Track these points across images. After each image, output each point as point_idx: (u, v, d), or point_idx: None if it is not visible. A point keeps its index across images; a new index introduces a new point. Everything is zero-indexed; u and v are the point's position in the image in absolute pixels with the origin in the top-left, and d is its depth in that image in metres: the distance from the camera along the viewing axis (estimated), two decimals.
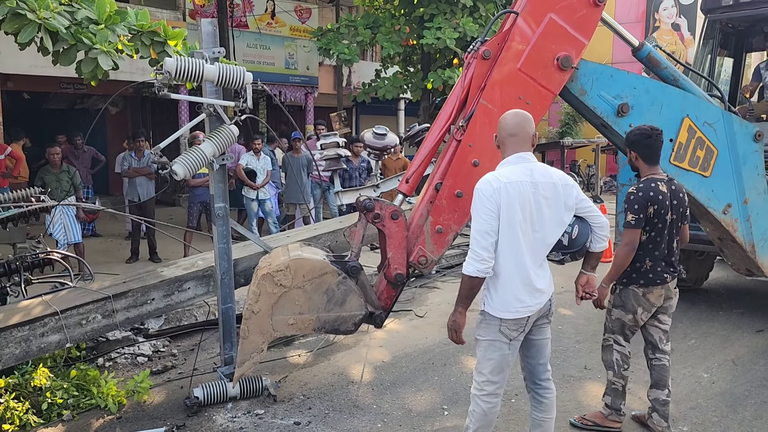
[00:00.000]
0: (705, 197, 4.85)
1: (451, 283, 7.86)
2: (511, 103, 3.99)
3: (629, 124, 4.45)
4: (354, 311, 4.01)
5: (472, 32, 10.68)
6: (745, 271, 5.44)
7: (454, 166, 4.12)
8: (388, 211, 3.99)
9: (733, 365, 5.08)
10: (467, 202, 3.86)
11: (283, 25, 14.49)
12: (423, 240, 4.09)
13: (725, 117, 4.97)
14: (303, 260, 3.91)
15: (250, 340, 3.85)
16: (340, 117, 14.14)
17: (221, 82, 3.92)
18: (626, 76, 4.61)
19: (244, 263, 4.58)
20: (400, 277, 4.06)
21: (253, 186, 8.91)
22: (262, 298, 3.83)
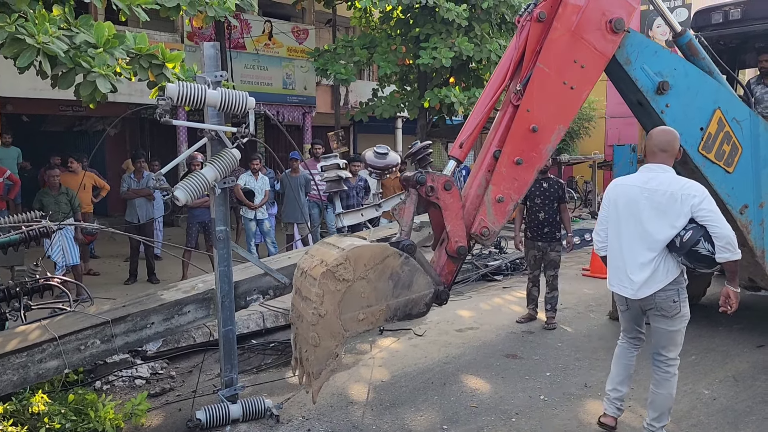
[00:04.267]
0: (725, 193, 4.92)
1: (451, 302, 7.78)
2: (566, 67, 4.14)
3: (666, 104, 4.59)
4: (423, 291, 3.75)
5: (467, 51, 10.78)
6: (746, 281, 5.44)
7: (513, 133, 4.09)
8: (440, 183, 3.86)
9: (735, 381, 5.07)
10: (527, 170, 4.13)
11: (280, 45, 14.62)
12: (484, 210, 4.01)
13: (752, 117, 5.09)
14: (361, 248, 3.57)
15: (323, 347, 3.48)
16: (338, 136, 14.19)
17: (224, 107, 3.94)
18: (669, 56, 4.73)
19: (244, 285, 4.58)
20: (463, 249, 3.91)
21: (251, 206, 8.92)
22: (326, 299, 3.44)
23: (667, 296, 3.75)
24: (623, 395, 4.19)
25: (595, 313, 7.23)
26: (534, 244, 6.76)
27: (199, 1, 6.34)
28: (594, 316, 7.11)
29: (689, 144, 4.68)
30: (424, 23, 11.43)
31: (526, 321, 6.82)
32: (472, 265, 9.46)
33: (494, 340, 6.26)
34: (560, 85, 4.17)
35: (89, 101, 4.88)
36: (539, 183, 6.65)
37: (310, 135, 15.22)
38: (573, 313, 7.21)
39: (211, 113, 4.07)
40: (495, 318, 7.07)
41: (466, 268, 9.38)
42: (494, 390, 4.96)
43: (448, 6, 10.49)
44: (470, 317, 7.14)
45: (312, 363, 3.54)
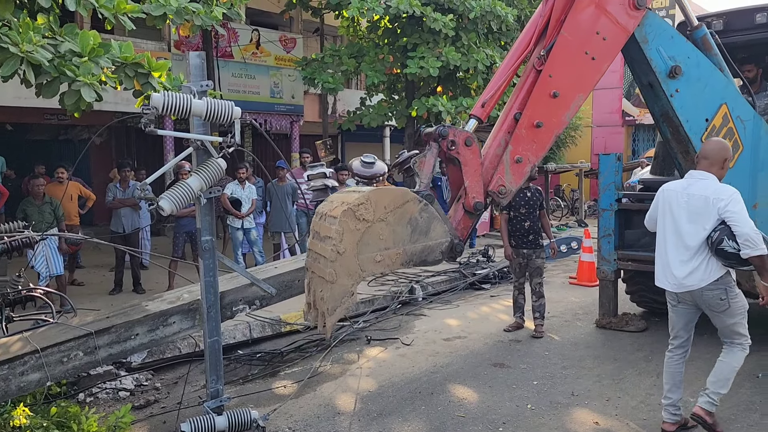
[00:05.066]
0: None
1: (438, 311, 7.86)
2: (589, 38, 4.34)
3: (676, 89, 4.76)
4: (440, 239, 3.81)
5: (454, 61, 10.83)
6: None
7: (534, 97, 4.22)
8: (462, 138, 3.94)
9: None
10: (546, 134, 4.28)
11: (268, 54, 14.61)
12: (502, 169, 4.13)
13: (756, 119, 5.23)
14: (383, 190, 3.68)
15: (340, 284, 3.51)
16: (326, 145, 14.20)
17: (209, 117, 3.93)
18: (684, 43, 4.90)
19: (231, 296, 4.54)
20: (480, 205, 4.02)
21: (238, 215, 8.88)
22: (346, 237, 3.46)
23: (714, 295, 4.08)
24: (675, 401, 4.36)
25: (582, 321, 7.25)
26: (519, 251, 6.81)
27: (185, 9, 6.33)
28: (581, 324, 7.13)
29: (693, 132, 4.89)
30: (411, 33, 11.48)
31: (514, 330, 6.84)
32: (460, 273, 9.47)
33: (482, 349, 6.26)
34: (582, 55, 4.34)
35: (74, 110, 4.84)
36: (523, 192, 6.71)
37: (298, 144, 15.21)
38: (560, 322, 7.23)
39: (197, 123, 4.05)
40: (482, 327, 7.08)
41: (454, 276, 9.39)
42: (481, 399, 4.95)
43: (435, 16, 10.55)
44: (458, 326, 7.14)
45: (327, 300, 3.56)
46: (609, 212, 6.77)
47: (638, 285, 7.18)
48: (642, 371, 5.51)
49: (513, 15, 11.74)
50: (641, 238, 6.72)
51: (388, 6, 10.38)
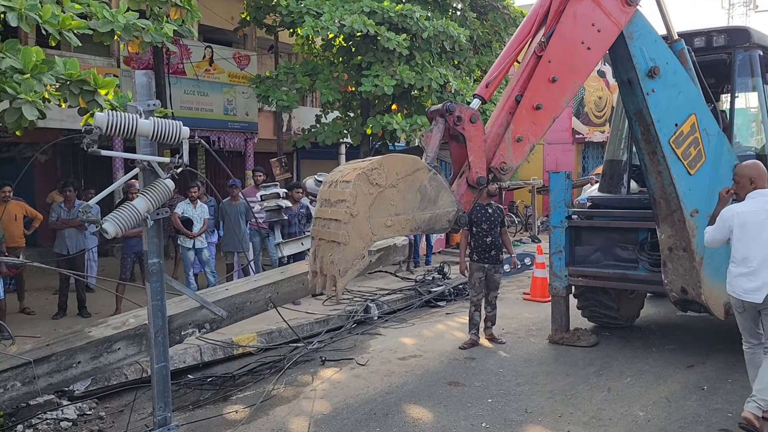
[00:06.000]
0: (683, 191, 5.34)
1: (394, 329, 7.83)
2: (585, 29, 4.73)
3: (653, 88, 5.11)
4: (447, 207, 3.94)
5: (409, 80, 10.92)
6: (679, 291, 5.66)
7: (534, 80, 4.52)
8: (467, 114, 4.12)
9: (668, 402, 5.21)
10: (545, 115, 4.58)
11: (221, 71, 14.44)
12: (504, 147, 4.36)
13: (720, 136, 5.60)
14: (395, 157, 3.83)
15: (352, 246, 3.56)
16: (281, 162, 14.08)
17: (156, 137, 3.84)
18: (666, 49, 5.32)
19: (179, 319, 4.42)
20: (482, 180, 4.20)
21: (190, 235, 8.69)
22: (359, 200, 3.55)
23: None
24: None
25: (535, 337, 7.33)
26: (480, 266, 6.95)
27: (134, 26, 6.21)
28: (534, 340, 7.21)
29: (662, 132, 5.23)
30: (365, 51, 11.54)
31: (469, 347, 6.87)
32: (416, 291, 9.48)
33: (437, 368, 6.25)
34: (579, 44, 4.73)
35: (15, 128, 4.67)
36: (485, 209, 6.91)
37: (252, 161, 15.03)
38: (514, 338, 7.29)
39: (143, 143, 3.95)
40: (438, 345, 7.08)
41: (409, 294, 9.39)
42: (437, 419, 4.93)
43: (389, 35, 10.63)
44: (413, 345, 7.12)
45: (339, 262, 3.59)
46: (560, 229, 6.90)
47: (589, 300, 7.32)
48: (593, 386, 5.59)
49: (465, 35, 11.93)
50: (591, 254, 6.87)
51: (342, 25, 10.41)
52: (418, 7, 11.23)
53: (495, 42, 14.06)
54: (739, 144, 6.85)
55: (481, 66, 13.70)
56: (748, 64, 6.46)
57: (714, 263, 5.52)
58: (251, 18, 13.02)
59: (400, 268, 11.36)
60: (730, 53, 6.45)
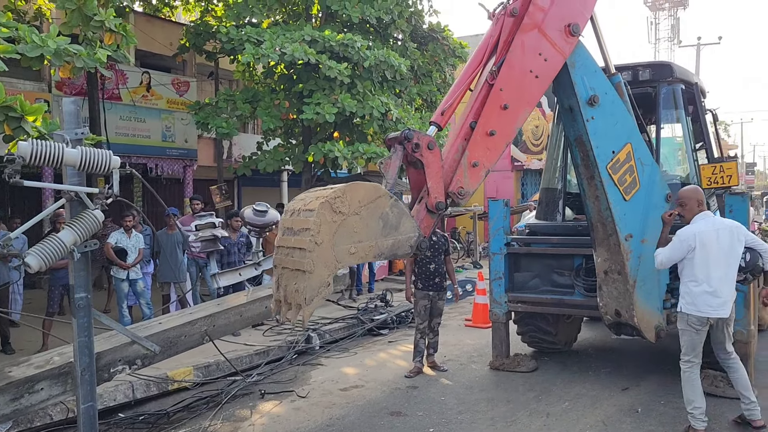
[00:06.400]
0: (618, 216, 5.54)
1: (336, 359, 7.73)
2: (533, 58, 4.97)
3: (592, 116, 5.35)
4: (409, 233, 4.04)
5: (350, 108, 10.98)
6: (613, 314, 5.82)
7: (487, 108, 4.73)
8: (425, 141, 4.26)
9: (604, 426, 5.30)
10: (499, 141, 4.78)
11: (159, 97, 14.17)
12: (461, 172, 4.53)
13: (654, 165, 5.87)
14: (358, 184, 3.89)
15: (317, 274, 3.63)
16: (221, 190, 13.84)
17: (84, 166, 3.70)
18: (605, 80, 5.58)
19: (108, 356, 4.24)
20: (441, 205, 4.34)
21: (123, 266, 8.39)
22: (323, 228, 3.63)
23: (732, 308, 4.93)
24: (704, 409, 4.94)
25: (476, 363, 7.38)
26: (425, 294, 6.98)
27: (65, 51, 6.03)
28: (476, 366, 7.25)
29: (600, 158, 5.45)
30: (307, 79, 11.56)
31: (415, 375, 6.85)
32: (358, 320, 9.41)
33: (379, 398, 6.19)
34: (527, 73, 4.97)
35: None
36: (429, 237, 6.89)
37: (191, 189, 14.73)
38: (456, 365, 7.32)
39: (71, 173, 3.80)
40: (380, 374, 7.03)
41: (352, 323, 9.31)
42: None
43: (330, 64, 10.69)
44: (355, 374, 7.04)
45: (305, 290, 3.66)
46: (499, 256, 7.01)
47: (528, 326, 7.44)
48: (533, 412, 5.64)
49: (406, 65, 12.13)
50: (529, 281, 7.00)
51: (283, 53, 10.41)
52: (359, 36, 11.36)
53: (435, 72, 14.33)
54: (666, 172, 7.18)
55: (421, 95, 13.93)
56: (672, 97, 6.81)
57: (646, 287, 5.72)
58: (190, 44, 12.87)
59: (343, 296, 11.28)
60: (655, 87, 6.79)
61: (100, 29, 6.74)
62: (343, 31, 11.97)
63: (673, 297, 5.98)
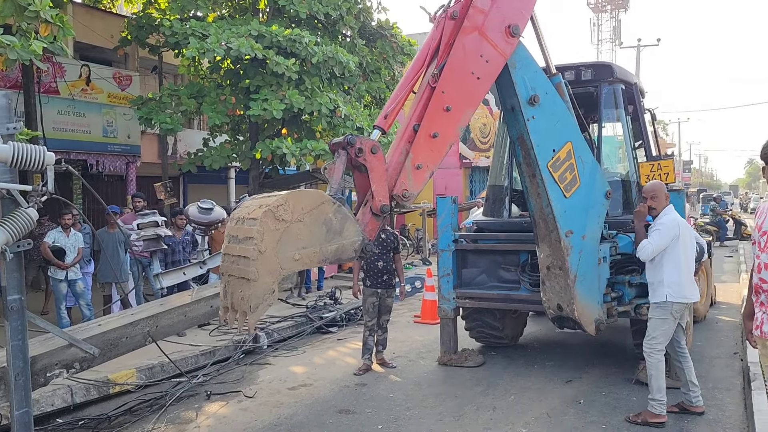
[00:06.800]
0: (559, 213, 5.64)
1: (284, 358, 7.66)
2: (474, 60, 5.01)
3: (533, 115, 5.43)
4: (353, 237, 4.09)
5: (298, 104, 10.89)
6: (555, 308, 5.96)
7: (430, 111, 4.77)
8: (368, 146, 4.30)
9: (548, 417, 5.43)
10: (442, 143, 4.81)
11: (100, 91, 13.68)
12: (405, 175, 4.55)
13: (594, 163, 5.99)
14: (300, 192, 4.04)
15: (262, 282, 3.68)
16: (166, 187, 13.52)
17: (16, 163, 3.55)
18: (546, 80, 5.66)
19: (44, 360, 4.08)
20: (385, 208, 4.37)
21: (62, 265, 8.09)
22: (267, 236, 3.67)
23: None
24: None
25: (425, 359, 7.43)
26: (373, 291, 6.97)
27: None
28: (424, 362, 7.31)
29: (541, 156, 5.54)
30: (254, 75, 11.40)
31: (364, 372, 6.85)
32: (307, 318, 9.35)
33: (327, 396, 6.17)
34: (469, 74, 5.00)
35: None
36: (378, 234, 6.91)
37: (135, 186, 14.31)
38: (405, 361, 7.36)
39: (2, 169, 3.64)
40: (329, 372, 7.00)
41: (300, 321, 9.25)
42: None
43: (277, 60, 10.57)
44: (303, 373, 6.99)
45: (249, 298, 3.69)
46: (447, 252, 7.07)
47: (476, 321, 7.54)
48: (480, 406, 5.73)
49: (354, 62, 12.10)
50: (477, 277, 7.09)
51: (229, 48, 10.23)
52: (307, 32, 11.26)
53: (384, 69, 14.36)
54: (607, 170, 7.39)
55: (370, 92, 13.93)
56: (612, 97, 7.02)
57: (586, 282, 5.87)
58: (132, 37, 12.50)
59: (291, 294, 11.18)
60: (596, 87, 6.98)
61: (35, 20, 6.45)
62: (290, 26, 11.86)
63: (613, 291, 6.18)
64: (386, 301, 7.08)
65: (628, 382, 6.18)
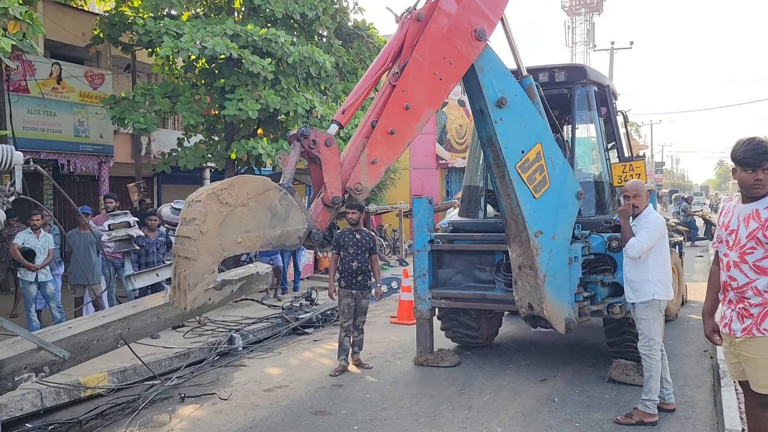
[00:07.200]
0: (527, 213, 5.69)
1: (259, 359, 7.61)
2: (438, 61, 5.05)
3: (500, 117, 5.48)
4: (297, 225, 4.18)
5: (274, 104, 10.81)
6: (527, 307, 6.01)
7: (389, 108, 4.84)
8: (322, 138, 4.38)
9: (523, 416, 5.47)
10: (399, 140, 4.90)
11: (71, 90, 13.43)
12: (359, 169, 4.64)
13: (565, 164, 6.04)
14: (246, 177, 4.10)
15: (201, 261, 3.79)
16: (139, 188, 13.34)
17: None
18: (514, 82, 5.69)
19: (12, 363, 3.99)
20: (337, 199, 4.45)
21: (31, 267, 7.93)
22: (209, 218, 3.79)
23: None
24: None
25: (401, 360, 7.44)
26: (348, 292, 6.96)
27: None
28: (400, 363, 7.31)
29: (509, 158, 5.59)
30: (229, 74, 11.29)
31: (340, 373, 6.83)
32: (282, 319, 9.29)
33: (303, 398, 6.14)
34: (431, 75, 5.05)
35: None
36: (353, 234, 6.99)
37: (107, 186, 14.08)
38: (381, 362, 7.36)
39: None
40: (305, 373, 6.97)
41: (276, 322, 9.19)
42: None
43: (253, 59, 10.48)
44: (279, 374, 6.95)
45: (188, 276, 3.80)
46: (423, 253, 7.09)
47: (452, 321, 7.57)
48: (456, 405, 5.75)
49: (331, 62, 12.06)
50: (452, 277, 7.12)
51: (204, 47, 10.12)
52: (282, 32, 11.19)
53: (360, 69, 14.31)
54: (581, 171, 7.47)
55: (346, 92, 13.85)
56: (585, 98, 7.10)
57: (556, 281, 5.91)
58: (105, 35, 12.31)
59: (267, 295, 11.11)
60: (569, 88, 7.05)
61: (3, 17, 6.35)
62: (266, 26, 11.76)
63: (585, 290, 6.24)
64: (361, 302, 7.06)
65: (602, 381, 6.26)
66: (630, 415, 5.18)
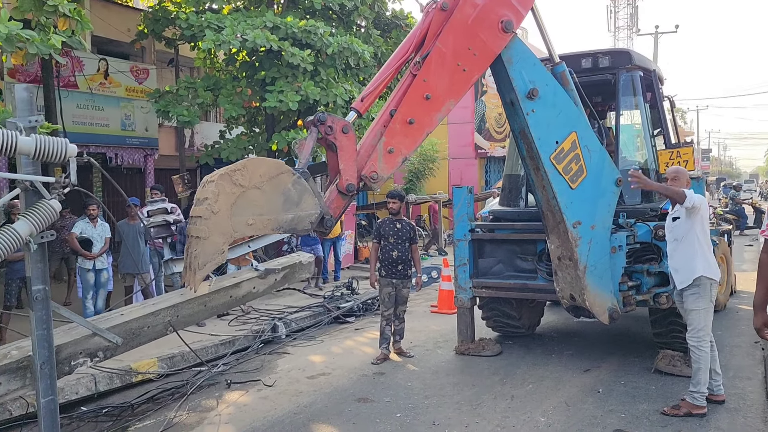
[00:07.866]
0: (564, 204, 5.58)
1: (302, 347, 7.72)
2: (462, 52, 4.96)
3: (532, 109, 5.37)
4: (310, 210, 4.16)
5: (314, 95, 10.89)
6: (568, 298, 5.94)
7: (409, 97, 4.78)
8: (339, 125, 4.36)
9: (567, 406, 5.43)
10: (418, 130, 4.84)
11: (118, 85, 13.82)
12: (375, 157, 4.60)
13: (602, 151, 5.89)
14: (260, 160, 4.09)
15: (212, 241, 3.78)
16: (183, 179, 13.63)
17: (39, 155, 3.60)
18: (545, 72, 5.56)
19: (69, 349, 4.15)
20: (352, 187, 4.42)
21: (89, 255, 8.21)
22: (221, 198, 3.78)
23: None
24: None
25: (442, 349, 7.46)
26: (389, 281, 6.98)
27: (17, 37, 5.84)
28: (441, 352, 7.33)
29: (543, 150, 5.47)
30: (269, 67, 11.42)
31: (381, 361, 6.88)
32: (324, 308, 9.40)
33: (346, 385, 6.22)
34: (455, 66, 4.96)
35: None
36: (393, 223, 7.00)
37: (153, 178, 14.45)
38: (422, 351, 7.39)
39: (25, 162, 3.69)
40: (347, 361, 7.05)
41: (318, 311, 9.31)
42: None
43: (293, 51, 10.57)
44: (322, 362, 7.05)
45: (198, 255, 3.79)
46: (463, 242, 7.07)
47: (493, 310, 7.55)
48: (498, 395, 5.74)
49: (369, 52, 12.08)
50: (493, 266, 7.08)
51: (244, 40, 10.26)
52: (321, 23, 11.25)
53: None
54: (625, 158, 7.32)
55: None
56: (630, 84, 6.94)
57: (597, 271, 5.81)
58: (149, 31, 12.57)
59: (309, 284, 11.25)
60: (614, 74, 6.90)
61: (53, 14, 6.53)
62: (305, 17, 11.84)
63: (630, 280, 6.13)
64: (402, 291, 7.08)
65: (648, 371, 6.16)
66: (677, 406, 5.08)
